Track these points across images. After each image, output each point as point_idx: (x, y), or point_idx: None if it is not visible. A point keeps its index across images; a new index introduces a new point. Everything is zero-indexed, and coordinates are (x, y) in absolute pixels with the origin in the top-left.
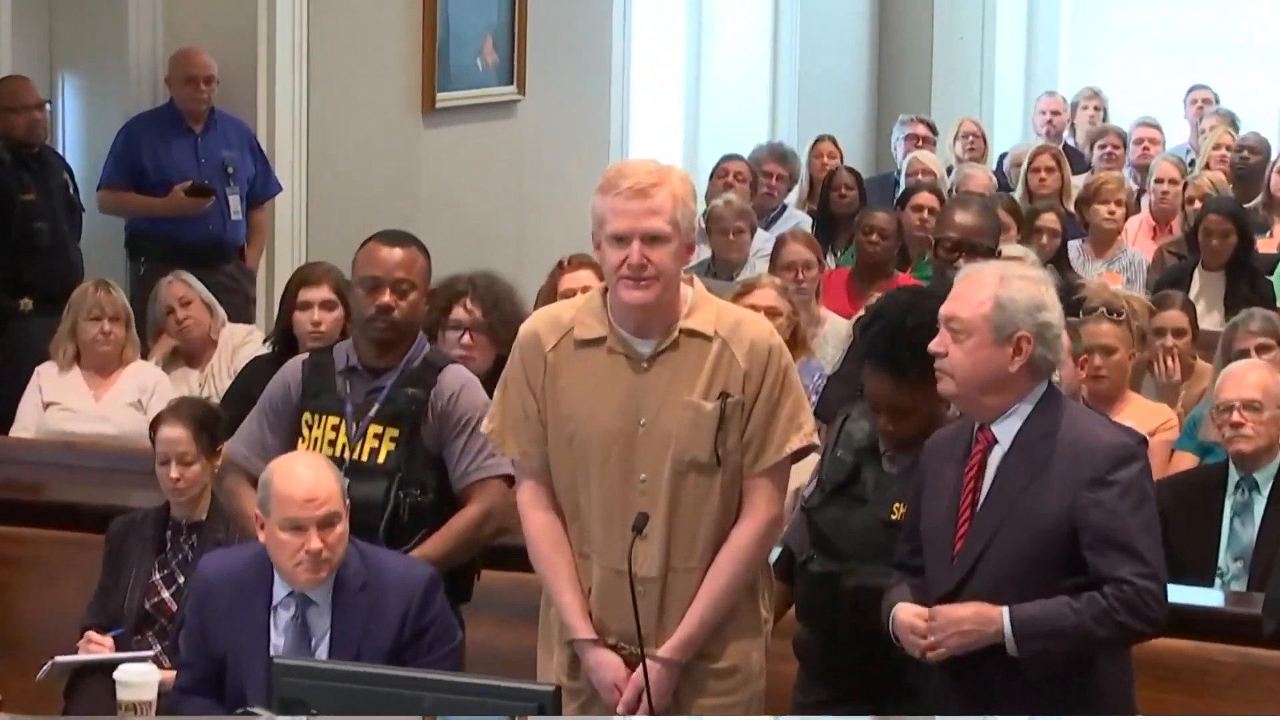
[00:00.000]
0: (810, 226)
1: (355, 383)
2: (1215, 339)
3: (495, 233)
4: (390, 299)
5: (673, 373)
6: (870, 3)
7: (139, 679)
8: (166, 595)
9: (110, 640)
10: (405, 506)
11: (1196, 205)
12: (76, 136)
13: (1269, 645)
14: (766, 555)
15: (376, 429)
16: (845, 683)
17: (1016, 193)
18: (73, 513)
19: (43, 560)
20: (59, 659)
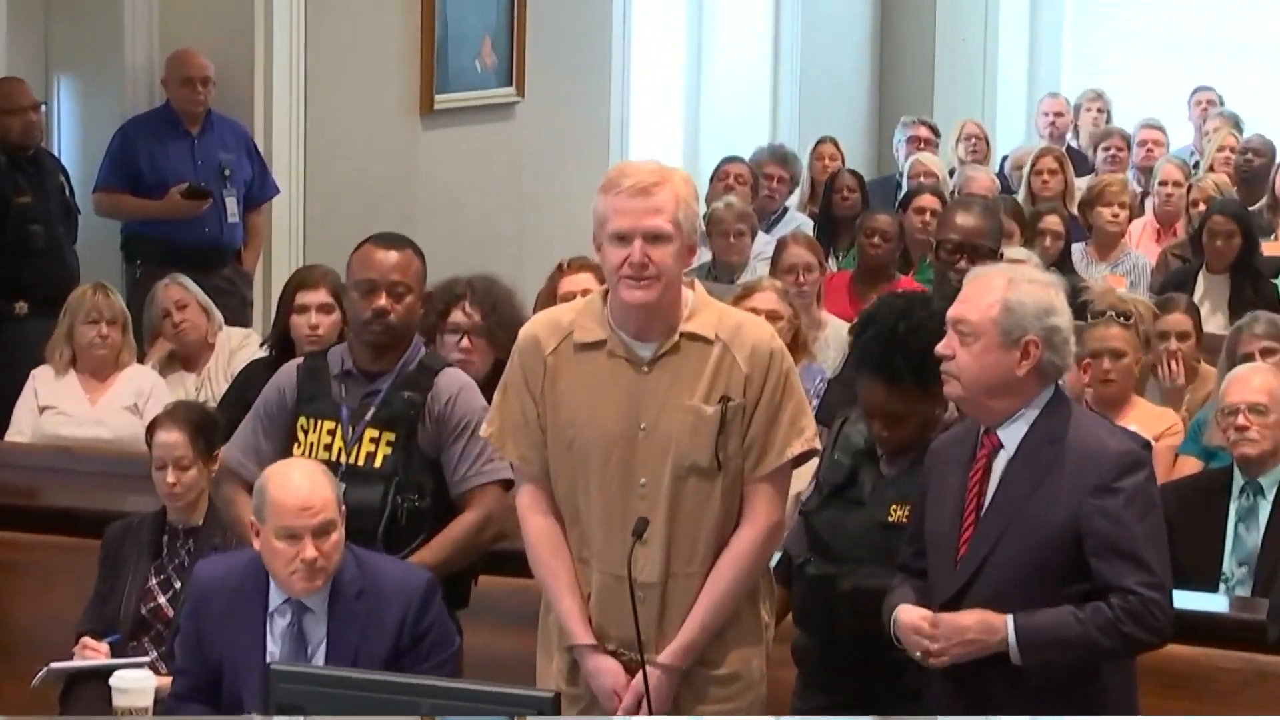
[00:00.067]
0: (812, 229)
1: (351, 387)
2: (1219, 342)
3: (494, 236)
4: (386, 302)
5: (673, 376)
6: (872, 3)
7: (135, 685)
8: (163, 601)
9: (106, 646)
10: (403, 511)
11: (1201, 208)
12: (72, 139)
13: (1274, 651)
14: (767, 561)
15: (373, 433)
16: (844, 686)
17: (1019, 195)
18: (68, 518)
19: (38, 565)
20: (54, 665)
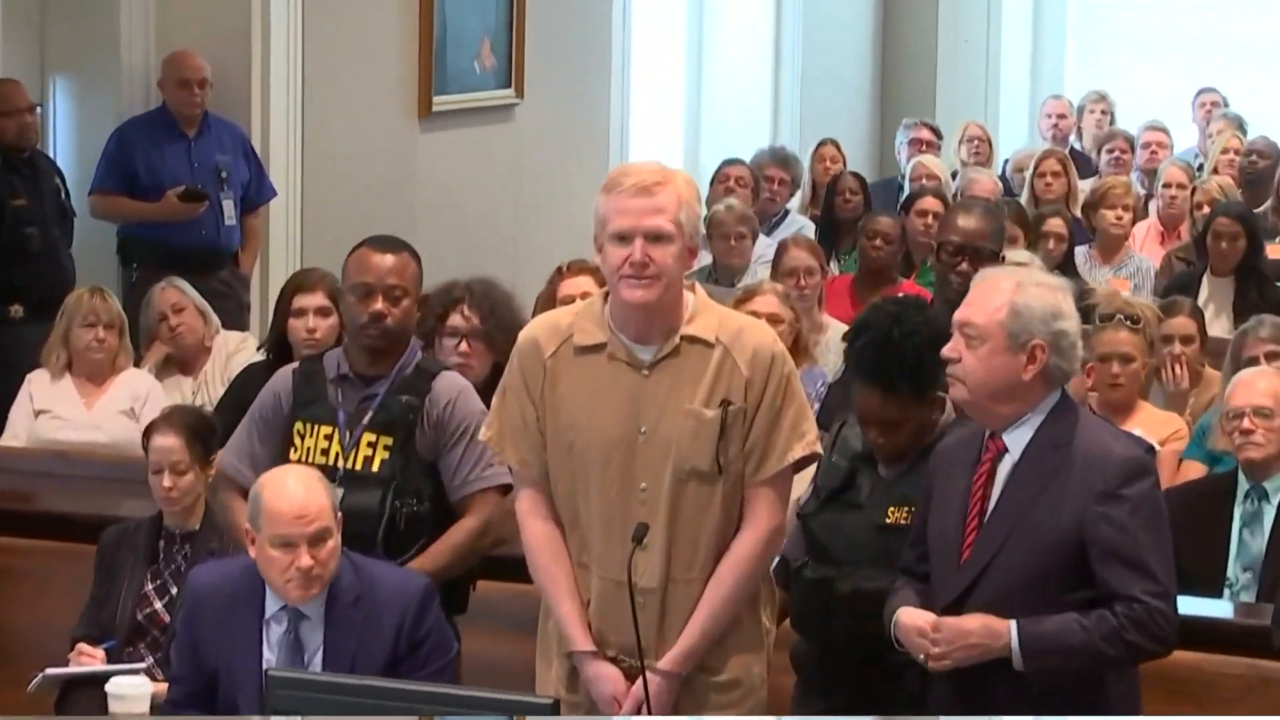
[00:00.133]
0: (814, 232)
1: (347, 391)
2: (1224, 346)
3: (493, 238)
4: (383, 306)
5: (674, 380)
6: (873, 4)
7: (131, 691)
8: (159, 606)
9: (102, 652)
10: (402, 516)
11: (1205, 210)
12: (68, 140)
13: (1278, 657)
14: (768, 566)
15: (370, 437)
16: (843, 689)
17: (1022, 197)
18: (64, 522)
19: (34, 571)
20: (50, 671)
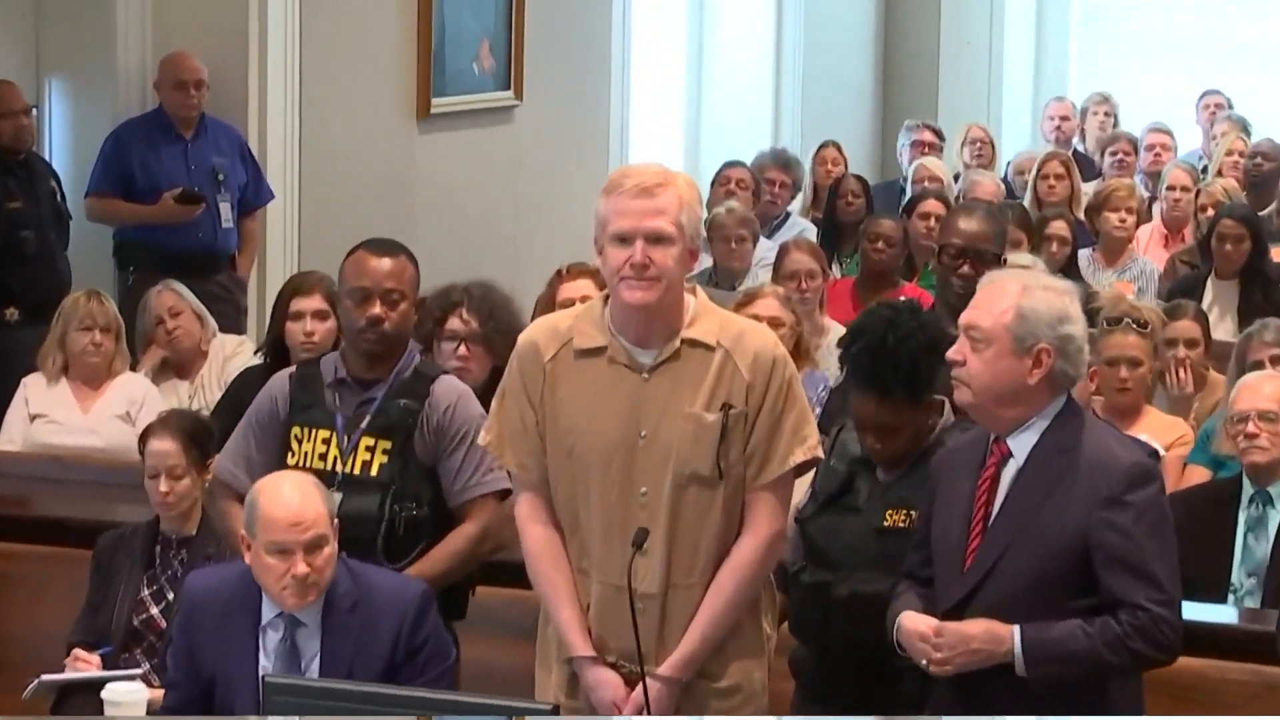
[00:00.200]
0: (815, 234)
1: (345, 395)
2: (1229, 349)
3: (492, 241)
4: (381, 310)
5: (674, 383)
6: (876, 5)
7: (127, 698)
8: (155, 612)
9: (98, 658)
10: (401, 520)
11: (1209, 213)
12: (64, 143)
13: None
14: (769, 571)
15: (368, 441)
16: (842, 694)
17: (1025, 200)
18: (60, 527)
19: (29, 576)
20: (46, 677)
